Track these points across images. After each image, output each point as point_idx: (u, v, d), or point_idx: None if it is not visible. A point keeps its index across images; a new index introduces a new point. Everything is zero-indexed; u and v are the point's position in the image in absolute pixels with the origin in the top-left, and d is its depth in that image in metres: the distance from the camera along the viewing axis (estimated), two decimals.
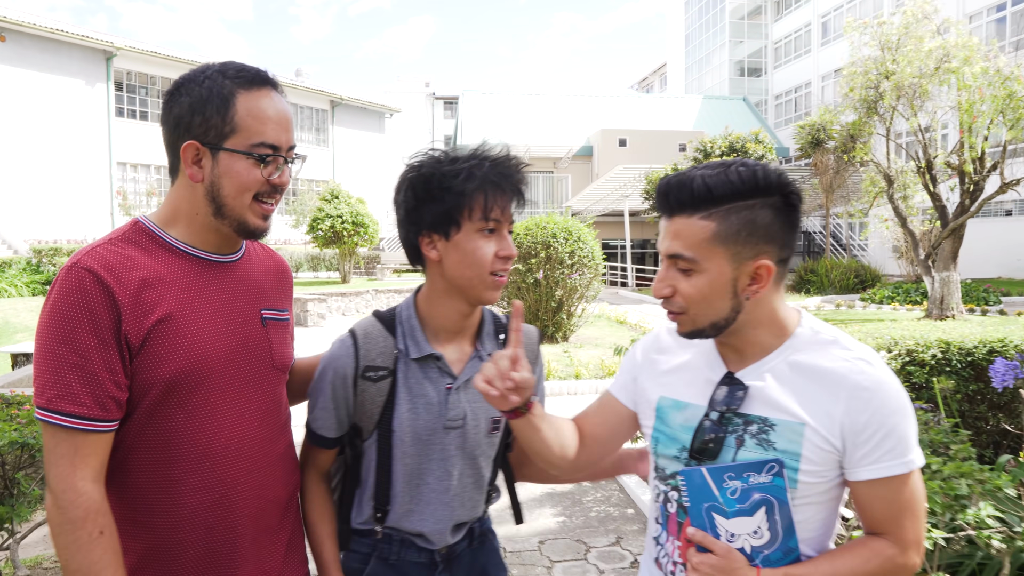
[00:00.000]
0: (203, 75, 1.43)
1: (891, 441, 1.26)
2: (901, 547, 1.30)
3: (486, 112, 35.61)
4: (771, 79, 43.74)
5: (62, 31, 28.60)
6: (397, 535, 1.67)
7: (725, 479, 1.33)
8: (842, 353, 1.32)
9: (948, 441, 2.63)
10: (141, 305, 1.34)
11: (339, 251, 23.32)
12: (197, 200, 1.45)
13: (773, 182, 1.30)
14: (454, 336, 1.66)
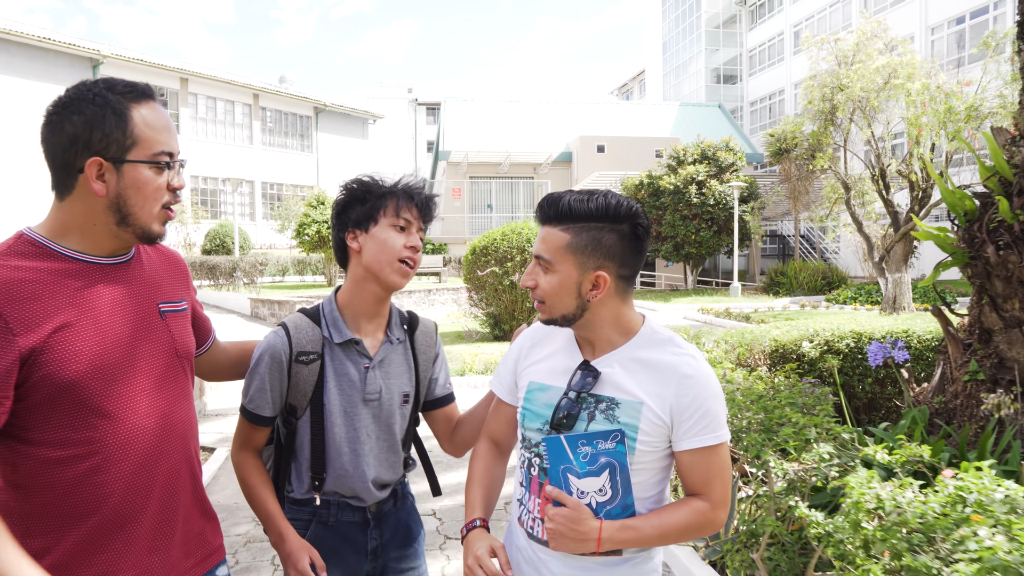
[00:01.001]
0: (90, 92, 1.45)
1: (707, 419, 1.58)
2: (712, 505, 1.60)
3: (467, 119, 36.15)
4: (746, 86, 44.69)
5: (48, 39, 29.02)
6: (334, 499, 1.94)
7: (579, 445, 1.59)
8: (674, 349, 1.64)
9: (814, 403, 3.42)
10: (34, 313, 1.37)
11: (325, 255, 23.92)
12: (96, 212, 1.48)
13: (623, 213, 1.60)
14: (369, 324, 1.96)
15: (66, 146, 1.44)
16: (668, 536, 1.59)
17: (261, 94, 37.92)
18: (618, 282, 1.63)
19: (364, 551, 1.96)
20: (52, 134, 1.46)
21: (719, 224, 23.72)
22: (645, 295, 23.88)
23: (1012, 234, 3.72)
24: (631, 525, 1.57)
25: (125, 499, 1.48)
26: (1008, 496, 2.21)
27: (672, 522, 1.58)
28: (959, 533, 2.01)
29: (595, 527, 1.54)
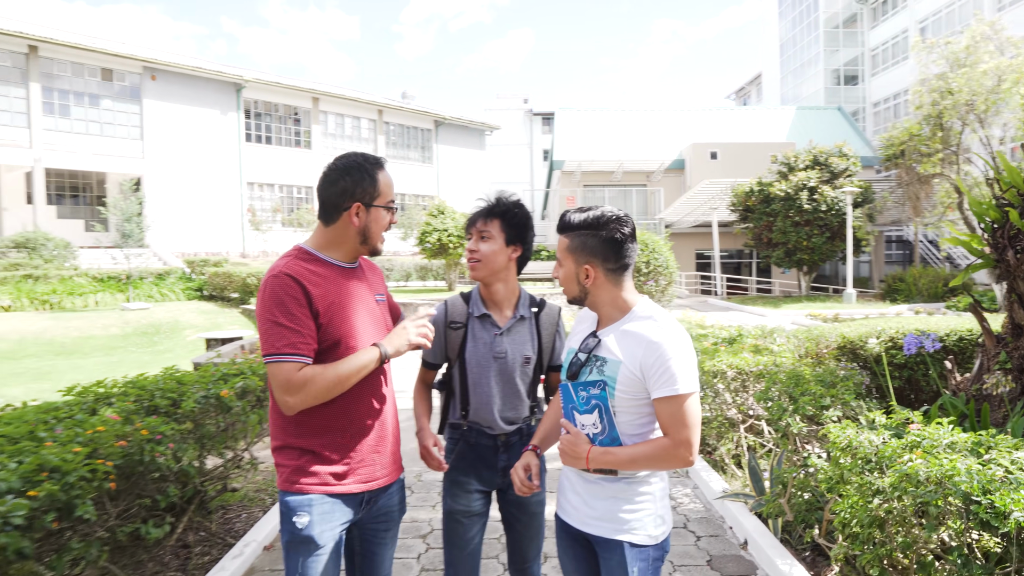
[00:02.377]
0: (355, 162, 2.29)
1: (667, 375, 1.98)
2: (673, 443, 2.00)
3: (581, 128, 36.84)
4: (868, 87, 43.24)
5: (200, 68, 32.14)
6: (475, 426, 2.64)
7: (579, 390, 2.10)
8: (651, 324, 2.07)
9: (838, 381, 4.12)
10: (321, 294, 2.19)
11: (445, 262, 25.36)
12: (350, 235, 2.30)
13: (603, 224, 2.12)
14: (497, 305, 2.66)
15: (339, 194, 2.27)
16: (637, 462, 2.04)
17: (385, 109, 40.24)
18: (607, 273, 2.13)
19: (495, 468, 2.64)
20: (330, 185, 2.28)
21: (832, 230, 23.46)
22: (756, 301, 23.94)
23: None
24: (610, 451, 2.06)
25: (364, 414, 2.30)
26: (953, 442, 2.91)
27: (641, 452, 2.04)
28: (899, 461, 2.75)
29: (585, 449, 2.08)
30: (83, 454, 2.85)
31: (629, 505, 2.12)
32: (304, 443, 2.24)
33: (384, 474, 2.39)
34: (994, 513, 2.25)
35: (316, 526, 2.21)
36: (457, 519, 2.64)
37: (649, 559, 2.13)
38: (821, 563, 3.83)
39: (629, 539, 2.10)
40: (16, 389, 10.56)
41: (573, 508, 2.22)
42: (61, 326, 16.10)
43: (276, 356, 2.10)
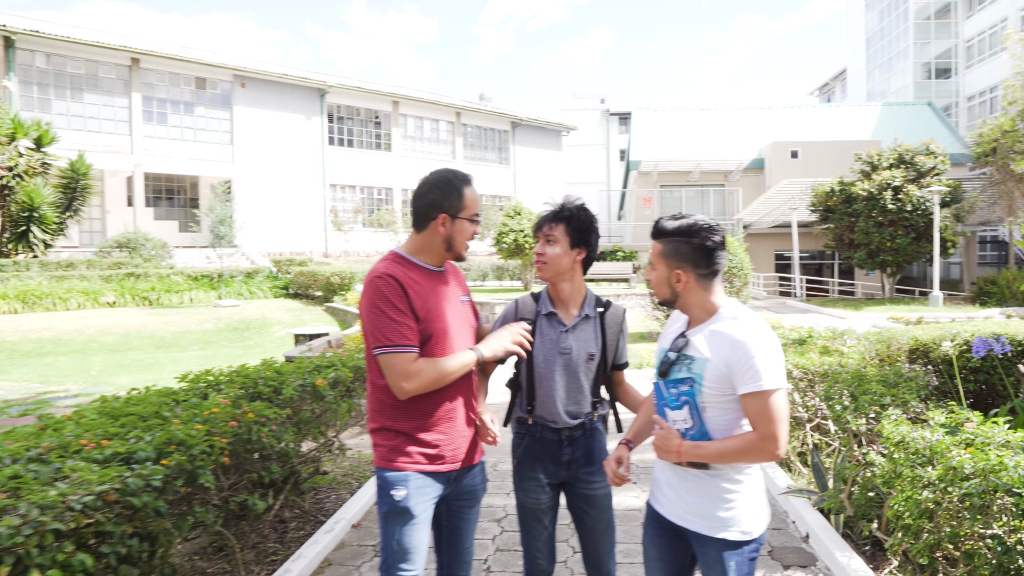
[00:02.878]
0: (444, 178, 2.57)
1: (752, 372, 2.06)
2: (759, 436, 2.07)
3: (658, 128, 36.57)
4: (962, 80, 41.47)
5: (287, 75, 33.46)
6: (540, 420, 2.75)
7: (670, 388, 2.21)
8: (735, 323, 2.16)
9: (901, 382, 4.22)
10: (417, 295, 2.47)
11: (521, 262, 25.73)
12: (437, 242, 2.57)
13: (696, 232, 2.22)
14: (563, 304, 2.77)
15: (428, 205, 2.56)
16: (726, 455, 2.13)
17: (463, 112, 40.94)
18: (697, 278, 2.23)
19: (559, 462, 2.74)
20: (421, 196, 2.58)
21: (917, 231, 22.71)
22: (836, 303, 23.40)
23: None
24: (700, 444, 2.16)
25: (452, 402, 2.57)
26: (1007, 441, 3.02)
27: (730, 445, 2.13)
28: (948, 455, 2.88)
29: (676, 444, 2.18)
30: (203, 431, 3.26)
31: (724, 503, 2.18)
32: (399, 426, 2.52)
33: (469, 455, 2.64)
34: None
35: (412, 499, 2.49)
36: (528, 511, 2.79)
37: (745, 554, 2.19)
38: (880, 557, 3.95)
39: (725, 536, 2.17)
40: (124, 379, 11.42)
41: (668, 502, 2.31)
42: (160, 321, 17.17)
43: (392, 347, 2.40)
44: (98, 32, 30.95)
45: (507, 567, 4.17)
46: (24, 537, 2.13)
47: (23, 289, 18.39)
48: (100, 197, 28.92)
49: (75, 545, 2.39)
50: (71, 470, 2.62)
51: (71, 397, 9.85)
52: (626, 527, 4.68)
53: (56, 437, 3.08)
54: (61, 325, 16.24)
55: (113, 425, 3.32)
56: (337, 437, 5.39)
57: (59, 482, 2.52)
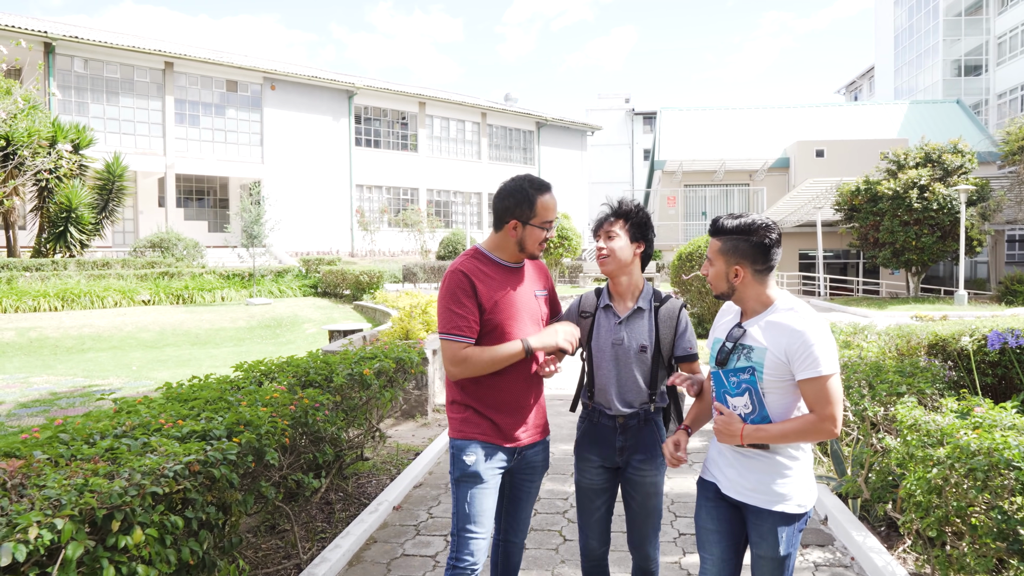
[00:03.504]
0: (520, 186, 2.79)
1: (809, 359, 2.22)
2: (819, 417, 2.23)
3: (682, 127, 36.66)
4: (993, 77, 41.09)
5: (316, 77, 33.98)
6: (598, 406, 2.92)
7: (730, 376, 2.35)
8: (792, 314, 2.30)
9: (916, 372, 4.43)
10: (486, 289, 2.75)
11: (546, 261, 26.03)
12: (510, 242, 2.82)
13: (754, 231, 2.35)
14: (622, 297, 2.92)
15: (503, 210, 2.81)
16: (788, 436, 2.28)
17: (488, 112, 41.28)
18: (754, 274, 2.39)
19: (613, 448, 2.88)
20: (498, 201, 2.83)
21: (943, 229, 22.64)
22: (860, 302, 23.40)
23: None
24: (762, 427, 2.31)
25: (513, 386, 2.84)
26: (1014, 424, 3.23)
27: (790, 427, 2.28)
28: (956, 436, 3.11)
29: (739, 428, 2.33)
30: (267, 413, 3.56)
31: (781, 479, 2.33)
32: (469, 401, 2.82)
33: (529, 435, 2.90)
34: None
35: (481, 464, 2.77)
36: (584, 491, 2.97)
37: (796, 527, 2.36)
38: (894, 537, 4.17)
39: (782, 509, 2.33)
40: (163, 373, 11.84)
41: (728, 480, 2.45)
42: (195, 319, 17.65)
43: (448, 334, 2.70)
44: (133, 37, 31.66)
45: (541, 544, 4.44)
46: (131, 497, 2.43)
47: (63, 288, 18.98)
48: (133, 198, 29.61)
49: (166, 508, 2.70)
50: (158, 444, 2.93)
51: (116, 390, 10.27)
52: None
53: (136, 417, 3.40)
54: (100, 322, 16.76)
55: (184, 408, 3.64)
56: (379, 425, 5.70)
57: (149, 454, 2.83)
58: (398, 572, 4.07)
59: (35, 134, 21.17)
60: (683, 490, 5.40)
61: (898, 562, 3.83)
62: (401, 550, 4.38)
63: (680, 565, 4.10)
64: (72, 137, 23.12)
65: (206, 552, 2.99)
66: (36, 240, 23.80)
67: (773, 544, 2.34)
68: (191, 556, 2.84)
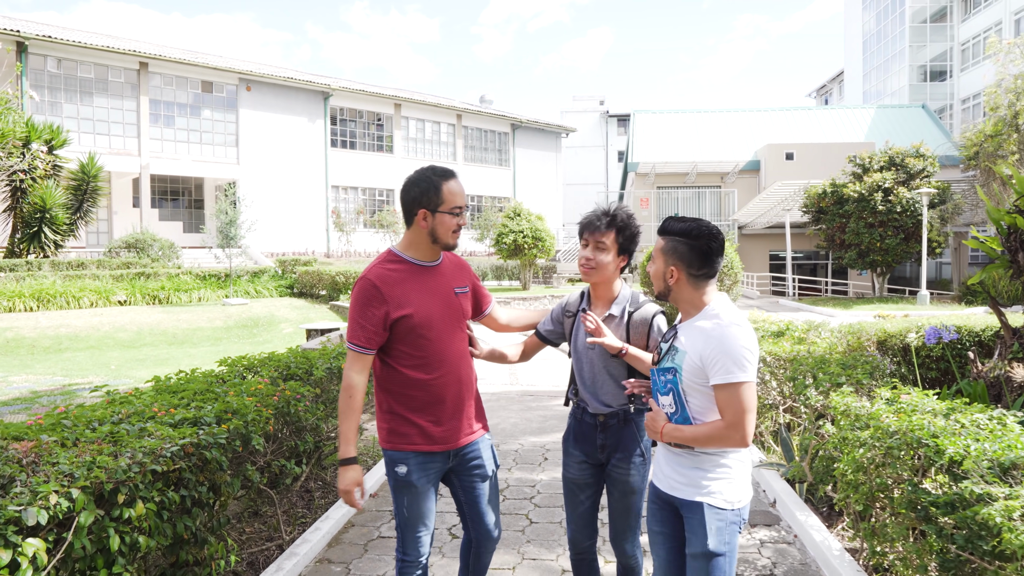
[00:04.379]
0: (425, 175, 2.75)
1: (720, 365, 2.26)
2: (727, 425, 2.27)
3: (656, 130, 37.19)
4: (957, 83, 42.09)
5: (291, 79, 34.00)
6: (582, 404, 2.98)
7: (659, 375, 2.47)
8: (715, 320, 2.34)
9: (857, 364, 4.79)
10: (397, 293, 2.70)
11: (520, 262, 26.34)
12: (423, 238, 2.77)
13: (696, 235, 2.37)
14: (598, 302, 2.96)
15: (410, 202, 2.75)
16: (698, 440, 2.34)
17: (464, 114, 41.52)
18: (689, 277, 2.41)
19: (595, 445, 2.94)
20: (404, 195, 2.77)
21: (907, 231, 23.31)
22: (828, 302, 23.99)
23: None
24: (679, 428, 2.40)
25: (444, 391, 2.80)
26: (934, 409, 3.59)
27: (702, 431, 2.34)
28: (879, 419, 3.46)
29: (661, 425, 2.44)
30: (253, 403, 3.83)
31: (710, 474, 2.38)
32: (396, 407, 2.79)
33: (464, 435, 2.87)
34: (936, 450, 2.95)
35: (413, 474, 2.79)
36: (569, 484, 3.02)
37: (726, 521, 2.36)
38: (835, 517, 4.53)
39: (708, 501, 2.36)
40: (142, 372, 11.99)
41: (664, 476, 2.52)
42: (172, 319, 17.74)
43: (348, 343, 2.75)
44: (107, 37, 31.52)
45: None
46: (134, 473, 2.69)
47: (38, 288, 18.96)
48: (107, 198, 29.46)
49: (164, 485, 2.96)
50: (154, 429, 3.19)
51: (98, 388, 10.41)
52: None
53: (130, 407, 3.65)
54: (77, 322, 16.80)
55: (174, 398, 3.90)
56: None
57: (147, 437, 3.09)
58: (374, 552, 4.35)
59: (9, 134, 21.10)
60: None
61: (836, 538, 4.19)
62: (377, 533, 4.66)
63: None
64: (46, 137, 23.05)
65: (198, 528, 3.25)
66: (9, 241, 23.68)
67: (702, 538, 2.33)
68: (185, 531, 3.11)
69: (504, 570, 4.09)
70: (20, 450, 2.70)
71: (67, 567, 2.48)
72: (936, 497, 2.77)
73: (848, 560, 3.85)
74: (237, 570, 3.94)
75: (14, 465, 2.56)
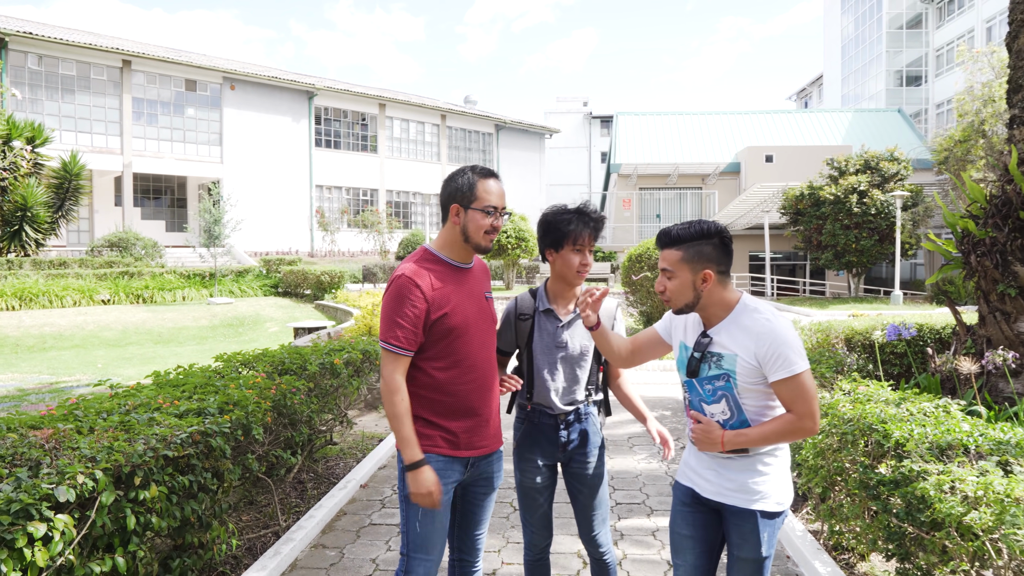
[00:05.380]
0: (461, 171, 2.64)
1: (780, 360, 2.20)
2: (796, 416, 2.22)
3: (638, 132, 37.63)
4: (932, 88, 42.90)
5: (276, 78, 34.04)
6: (538, 407, 2.93)
7: (704, 385, 2.36)
8: (756, 315, 2.27)
9: (820, 359, 5.09)
10: (437, 294, 2.56)
11: (504, 262, 26.58)
12: (456, 235, 2.65)
13: (712, 232, 2.32)
14: (562, 301, 2.92)
15: (447, 197, 2.65)
16: (768, 438, 2.26)
17: (448, 114, 41.72)
18: (719, 276, 2.34)
19: (556, 443, 2.92)
20: (443, 190, 2.68)
21: (881, 233, 23.83)
22: (805, 302, 24.44)
23: (984, 246, 5.17)
24: (742, 432, 2.29)
25: (472, 396, 2.68)
26: (888, 399, 3.88)
27: (771, 428, 2.26)
28: (837, 408, 3.74)
29: (719, 435, 2.31)
30: (253, 395, 4.05)
31: (760, 477, 2.33)
32: (420, 411, 2.62)
33: (486, 444, 2.74)
34: (885, 435, 3.24)
35: None
36: (528, 491, 2.97)
37: (776, 526, 2.36)
38: (800, 502, 4.82)
39: (762, 507, 2.32)
40: (129, 371, 12.11)
41: (707, 482, 2.42)
42: (157, 318, 17.82)
43: (385, 343, 2.56)
44: (89, 34, 31.43)
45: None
46: (148, 457, 2.92)
47: (20, 287, 18.96)
48: (89, 197, 29.38)
49: (174, 471, 3.19)
50: (162, 419, 3.41)
51: (84, 386, 10.54)
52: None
53: (135, 399, 3.87)
54: (61, 321, 16.85)
55: (176, 392, 4.11)
56: (346, 412, 6.20)
57: (156, 426, 3.31)
58: (366, 538, 4.59)
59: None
60: (625, 468, 6.01)
61: (800, 521, 4.48)
62: (368, 520, 4.90)
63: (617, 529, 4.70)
64: (28, 135, 22.99)
65: (203, 512, 3.48)
66: None
67: (755, 544, 2.33)
68: (191, 514, 3.33)
69: (490, 552, 4.34)
70: (41, 437, 2.92)
71: (88, 543, 2.70)
72: (883, 477, 3.05)
73: (810, 540, 4.13)
74: (237, 554, 4.16)
75: (39, 449, 2.78)
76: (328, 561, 4.24)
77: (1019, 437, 2.97)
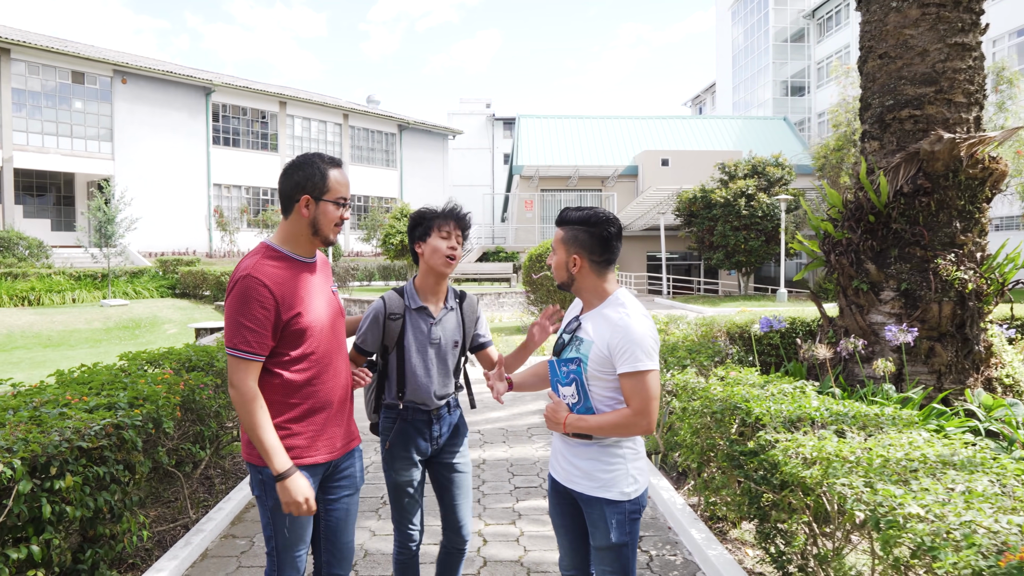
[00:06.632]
0: (310, 160, 2.47)
1: (628, 355, 2.27)
2: (632, 412, 2.29)
3: (540, 134, 38.40)
4: (814, 98, 45.54)
5: (171, 72, 32.92)
6: (410, 404, 2.94)
7: (561, 366, 2.45)
8: (620, 309, 2.37)
9: (700, 349, 5.58)
10: (284, 292, 2.40)
11: (407, 262, 26.67)
12: (303, 228, 2.48)
13: (594, 223, 2.41)
14: (432, 297, 2.94)
15: (292, 187, 2.46)
16: (604, 428, 2.33)
17: (351, 114, 41.33)
18: (591, 264, 2.42)
19: (429, 438, 2.97)
20: (285, 179, 2.48)
21: (767, 234, 25.31)
22: (699, 300, 25.62)
23: (841, 246, 5.80)
24: (583, 418, 2.38)
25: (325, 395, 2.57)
26: (756, 382, 4.36)
27: (607, 419, 2.33)
28: (709, 391, 4.19)
29: (563, 416, 2.41)
30: (162, 390, 4.16)
31: (605, 467, 2.39)
32: (277, 420, 2.44)
33: (342, 444, 2.66)
34: (747, 412, 3.68)
35: None
36: (403, 489, 2.98)
37: (625, 513, 2.40)
38: (682, 479, 5.29)
39: (607, 496, 2.38)
40: (17, 375, 11.63)
41: (561, 468, 2.52)
42: (46, 321, 17.04)
43: (233, 350, 2.36)
44: None
45: None
46: (64, 448, 3.03)
47: None
48: None
49: (88, 461, 3.29)
50: (72, 413, 3.50)
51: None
52: (527, 474, 5.84)
53: (42, 396, 3.91)
54: None
55: (83, 388, 4.17)
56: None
57: (68, 420, 3.40)
58: None
59: None
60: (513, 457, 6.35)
61: (681, 496, 4.93)
62: None
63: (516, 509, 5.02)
64: None
65: (115, 504, 3.58)
66: None
67: (604, 531, 2.40)
68: (104, 504, 3.44)
69: None
70: None
71: (3, 531, 2.80)
72: (745, 447, 3.48)
73: (688, 512, 4.58)
74: (147, 547, 4.26)
75: None
76: (239, 550, 4.38)
77: (855, 411, 3.46)
